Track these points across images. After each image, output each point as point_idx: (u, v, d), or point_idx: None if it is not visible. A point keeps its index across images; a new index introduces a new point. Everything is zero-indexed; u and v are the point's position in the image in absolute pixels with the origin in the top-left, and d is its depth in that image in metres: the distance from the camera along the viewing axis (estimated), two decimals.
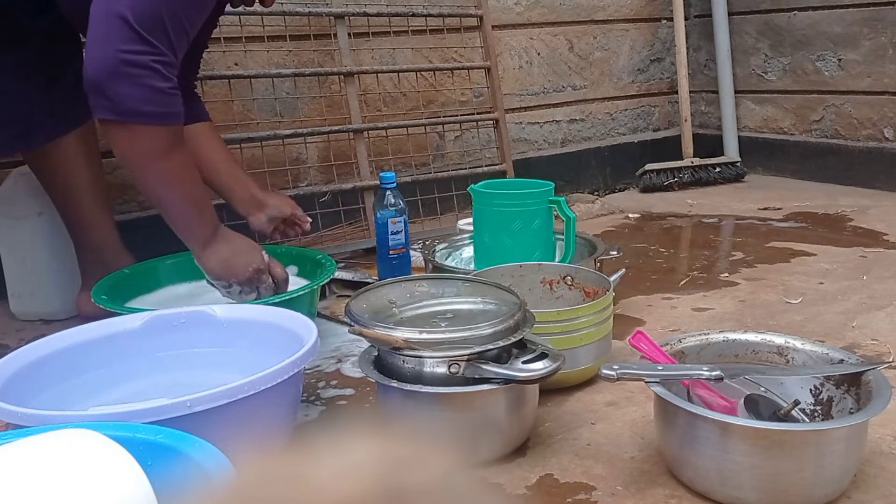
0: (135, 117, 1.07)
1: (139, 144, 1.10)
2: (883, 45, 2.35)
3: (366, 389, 1.16)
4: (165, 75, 1.07)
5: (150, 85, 1.06)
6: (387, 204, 1.63)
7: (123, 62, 1.03)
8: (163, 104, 1.08)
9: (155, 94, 1.06)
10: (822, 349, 0.97)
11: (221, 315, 1.08)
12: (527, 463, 0.95)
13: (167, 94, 1.08)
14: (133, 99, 1.05)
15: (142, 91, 1.05)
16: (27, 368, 0.92)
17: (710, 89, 2.80)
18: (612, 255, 1.48)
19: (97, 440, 0.58)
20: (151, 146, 1.10)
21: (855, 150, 2.46)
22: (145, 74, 1.05)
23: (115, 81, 1.04)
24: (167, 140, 1.11)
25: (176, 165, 1.14)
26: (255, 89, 1.92)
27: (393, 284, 1.10)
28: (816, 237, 1.93)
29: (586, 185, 2.59)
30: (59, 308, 1.54)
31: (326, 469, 0.30)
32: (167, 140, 1.11)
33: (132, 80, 1.04)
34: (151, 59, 1.05)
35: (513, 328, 0.95)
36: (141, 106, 1.06)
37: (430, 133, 2.22)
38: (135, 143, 1.10)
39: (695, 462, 0.85)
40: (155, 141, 1.10)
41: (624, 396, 1.11)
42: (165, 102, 1.08)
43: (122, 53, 1.03)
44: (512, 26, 2.42)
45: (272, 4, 1.29)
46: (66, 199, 1.47)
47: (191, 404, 0.77)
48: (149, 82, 1.05)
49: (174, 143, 1.12)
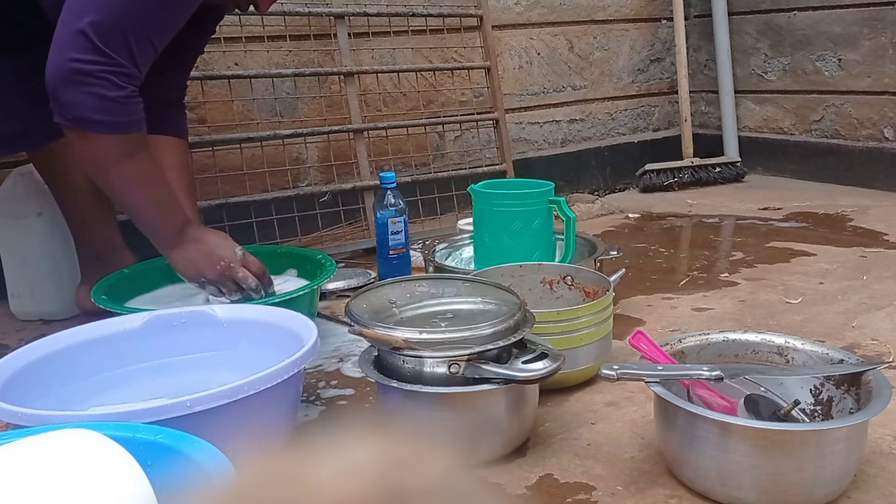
0: (85, 125, 1.09)
1: (94, 151, 1.12)
2: (883, 45, 2.35)
3: (366, 389, 1.16)
4: (119, 84, 1.08)
5: (100, 94, 1.07)
6: (387, 204, 1.63)
7: (74, 70, 1.06)
8: (114, 112, 1.09)
9: (105, 102, 1.08)
10: (822, 349, 0.97)
11: (221, 315, 1.08)
12: (527, 463, 0.95)
13: (119, 103, 1.09)
14: (82, 107, 1.07)
15: (91, 99, 1.07)
16: (27, 368, 0.92)
17: (710, 89, 2.80)
18: (612, 255, 1.48)
19: (97, 440, 0.58)
20: (106, 152, 1.12)
21: (855, 150, 2.46)
22: (95, 83, 1.07)
23: (65, 88, 1.07)
24: (122, 147, 1.12)
25: (133, 171, 1.15)
26: (255, 89, 1.92)
27: (393, 284, 1.10)
28: (816, 237, 1.93)
29: (586, 185, 2.59)
30: (59, 308, 1.54)
31: (326, 469, 0.30)
32: (122, 147, 1.12)
33: (81, 88, 1.06)
34: (104, 68, 1.07)
35: (513, 328, 0.95)
36: (90, 114, 1.08)
37: (430, 133, 2.23)
38: (90, 149, 1.12)
39: (695, 462, 0.85)
40: (108, 148, 1.12)
41: (624, 396, 1.11)
42: (117, 111, 1.10)
43: (74, 62, 1.05)
44: (512, 26, 2.42)
45: (267, 10, 1.29)
46: (68, 198, 1.47)
47: (191, 404, 0.77)
48: (98, 91, 1.07)
49: (131, 150, 1.13)
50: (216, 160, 1.84)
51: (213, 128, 1.90)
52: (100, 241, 1.49)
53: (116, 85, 1.08)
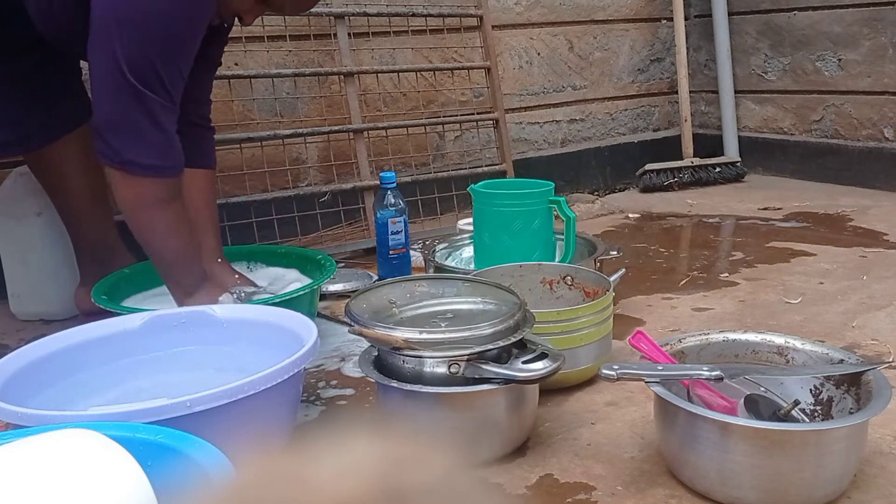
0: (135, 168, 1.10)
1: (135, 193, 1.13)
2: (883, 45, 2.35)
3: (366, 389, 1.16)
4: (164, 127, 1.10)
5: (150, 138, 1.09)
6: (387, 204, 1.63)
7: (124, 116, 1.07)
8: (162, 157, 1.12)
9: (155, 147, 1.10)
10: (822, 349, 0.97)
11: (221, 315, 1.08)
12: (527, 463, 0.95)
13: (166, 147, 1.11)
14: (134, 151, 1.09)
15: (143, 145, 1.09)
16: (27, 368, 0.92)
17: (710, 89, 2.80)
18: (612, 255, 1.48)
19: (97, 440, 0.58)
20: (148, 196, 1.14)
21: (855, 150, 2.46)
22: (146, 129, 1.08)
23: (116, 133, 1.08)
24: (164, 192, 1.14)
25: (169, 218, 1.17)
26: (255, 89, 1.92)
27: (393, 284, 1.10)
28: (816, 237, 1.93)
29: (586, 185, 2.59)
30: (59, 308, 1.54)
31: (326, 469, 0.30)
32: (164, 192, 1.14)
33: (133, 132, 1.08)
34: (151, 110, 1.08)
35: (513, 328, 0.95)
36: (141, 159, 1.10)
37: (430, 133, 2.23)
38: (130, 192, 1.13)
39: (695, 462, 0.85)
40: (152, 192, 1.13)
41: (624, 396, 1.11)
42: (164, 155, 1.12)
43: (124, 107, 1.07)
44: (512, 26, 2.41)
45: (251, 23, 1.29)
46: (64, 200, 1.47)
47: (191, 404, 0.77)
48: (149, 136, 1.09)
49: (171, 196, 1.15)
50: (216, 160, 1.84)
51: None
52: (98, 243, 1.49)
53: (163, 127, 1.10)
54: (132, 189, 1.13)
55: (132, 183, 1.12)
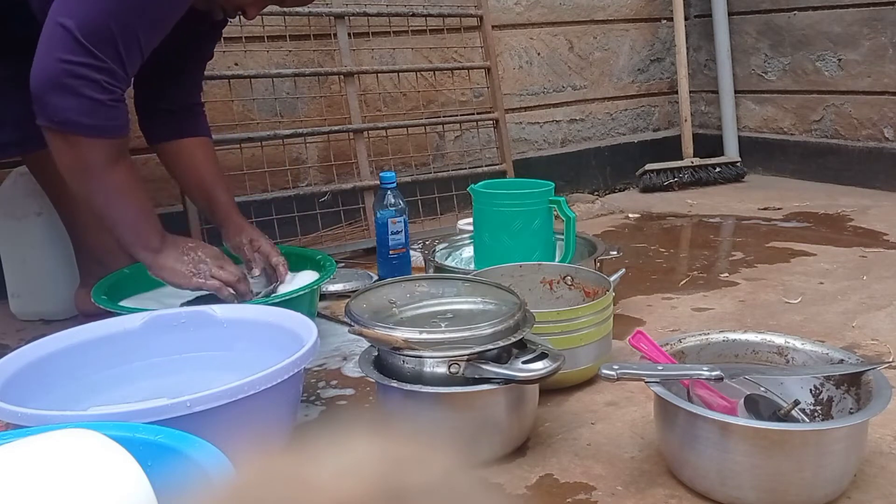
0: (72, 128, 1.06)
1: (79, 156, 1.09)
2: (883, 45, 2.35)
3: (366, 389, 1.16)
4: (107, 87, 1.06)
5: (90, 96, 1.05)
6: (387, 204, 1.63)
7: (63, 72, 1.03)
8: (102, 117, 1.07)
9: (94, 105, 1.05)
10: (822, 349, 0.97)
11: (221, 315, 1.08)
12: (527, 463, 0.95)
13: (107, 107, 1.07)
14: (70, 110, 1.05)
15: (79, 102, 1.05)
16: (27, 368, 0.92)
17: (710, 89, 2.80)
18: (612, 255, 1.48)
19: (97, 440, 0.58)
20: (92, 158, 1.09)
21: (855, 150, 2.46)
22: (84, 85, 1.04)
23: (53, 91, 1.04)
24: (109, 152, 1.10)
25: (117, 178, 1.12)
26: (255, 89, 1.92)
27: (393, 284, 1.10)
28: (816, 237, 1.93)
29: (586, 185, 2.59)
30: (59, 308, 1.54)
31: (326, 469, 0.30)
32: (109, 152, 1.10)
33: (70, 90, 1.04)
34: (93, 70, 1.04)
35: (513, 328, 0.95)
36: (79, 117, 1.05)
37: (430, 133, 2.23)
38: (75, 155, 1.09)
39: (695, 462, 0.85)
40: (95, 153, 1.09)
41: (624, 396, 1.11)
42: (105, 115, 1.07)
43: (63, 63, 1.03)
44: (512, 26, 2.42)
45: (255, 17, 1.29)
46: (63, 201, 1.47)
47: (191, 404, 0.77)
48: (88, 93, 1.05)
49: (117, 156, 1.11)
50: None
51: (213, 128, 1.87)
52: (97, 244, 1.48)
53: (105, 88, 1.06)
54: (77, 152, 1.08)
55: (74, 145, 1.08)
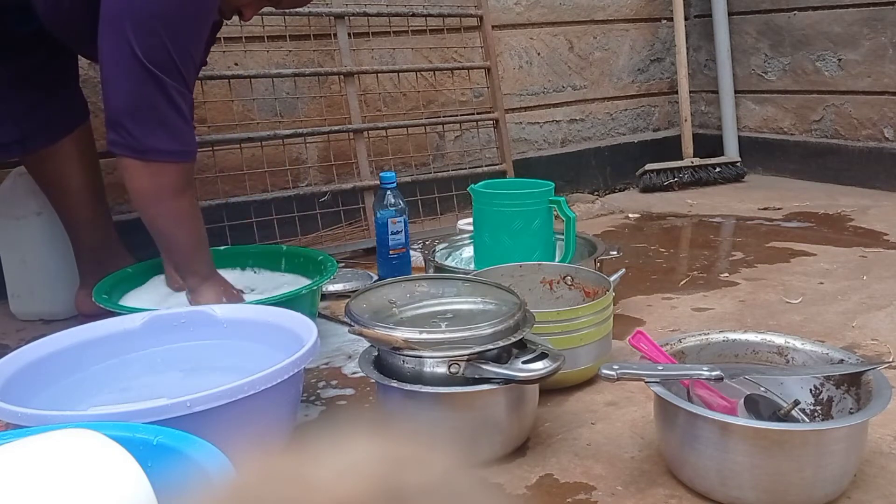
0: (156, 155, 1.09)
1: (157, 183, 1.12)
2: (883, 45, 2.35)
3: (366, 389, 1.16)
4: (183, 111, 1.09)
5: (170, 124, 1.08)
6: (387, 204, 1.63)
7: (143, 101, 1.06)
8: (182, 142, 1.11)
9: (176, 132, 1.09)
10: (822, 349, 0.97)
11: (221, 315, 1.08)
12: (527, 463, 0.95)
13: (185, 131, 1.11)
14: (155, 137, 1.08)
15: (163, 130, 1.08)
16: (27, 368, 0.92)
17: (710, 89, 2.80)
18: (612, 255, 1.48)
19: (97, 440, 0.58)
20: (168, 184, 1.12)
21: (855, 150, 2.46)
22: (165, 114, 1.07)
23: (136, 119, 1.07)
24: (183, 178, 1.14)
25: (186, 204, 1.17)
26: (255, 89, 1.92)
27: (393, 284, 1.10)
28: (816, 237, 1.93)
29: (586, 185, 2.59)
30: (59, 308, 1.54)
31: (326, 469, 0.30)
32: (183, 178, 1.14)
33: (154, 118, 1.07)
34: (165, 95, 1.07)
35: (513, 328, 0.95)
36: (163, 144, 1.09)
37: (430, 133, 2.22)
38: (153, 181, 1.12)
39: (695, 462, 0.85)
40: (171, 179, 1.12)
41: (624, 396, 1.11)
42: (184, 140, 1.11)
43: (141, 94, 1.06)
44: (512, 26, 2.41)
45: (251, 19, 1.29)
46: (62, 201, 1.47)
47: (191, 404, 0.77)
48: (169, 121, 1.08)
49: (187, 182, 1.15)
50: (216, 160, 1.84)
51: (213, 128, 1.90)
52: (97, 244, 1.49)
53: (180, 110, 1.09)
54: (152, 178, 1.11)
55: (153, 171, 1.11)
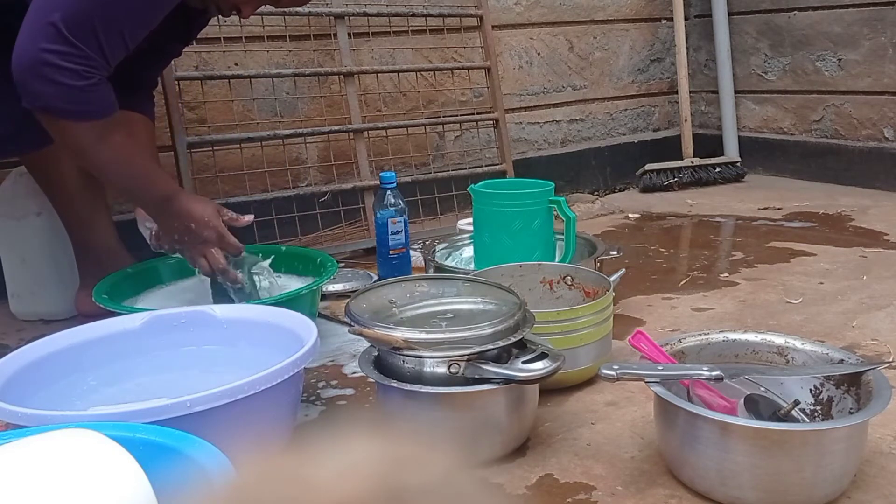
0: (54, 113, 1.12)
1: (66, 136, 1.16)
2: (883, 45, 2.35)
3: (366, 389, 1.16)
4: (84, 74, 1.10)
5: (66, 83, 1.09)
6: (387, 204, 1.63)
7: (41, 61, 1.08)
8: (79, 102, 1.12)
9: (71, 92, 1.10)
10: (822, 349, 0.97)
11: (221, 315, 1.08)
12: (527, 463, 0.95)
13: (84, 92, 1.11)
14: (49, 96, 1.10)
15: (56, 89, 1.09)
16: (27, 368, 0.92)
17: (710, 89, 2.80)
18: (612, 255, 1.48)
19: (97, 440, 0.58)
20: (77, 137, 1.15)
21: (855, 150, 2.46)
22: (61, 73, 1.09)
23: (33, 78, 1.09)
24: (93, 133, 1.15)
25: (108, 153, 1.18)
26: (255, 89, 1.92)
27: (393, 284, 1.10)
28: (816, 237, 1.93)
29: (586, 185, 2.59)
30: (59, 308, 1.54)
31: (326, 469, 0.30)
32: (93, 133, 1.15)
33: (47, 78, 1.09)
34: (70, 58, 1.09)
35: (513, 328, 0.95)
36: (57, 103, 1.11)
37: (430, 133, 2.22)
38: (62, 135, 1.16)
39: (695, 462, 0.85)
40: (79, 133, 1.15)
41: (624, 396, 1.11)
42: (82, 100, 1.12)
43: (42, 52, 1.08)
44: (512, 26, 2.41)
45: (250, 16, 1.30)
46: (62, 201, 1.47)
47: (191, 404, 0.77)
48: (64, 80, 1.09)
49: (102, 134, 1.16)
50: (216, 160, 1.84)
51: (213, 128, 1.90)
52: (97, 244, 1.49)
53: (81, 75, 1.10)
54: (64, 133, 1.15)
55: (62, 127, 1.14)
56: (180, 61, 1.82)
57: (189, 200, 1.24)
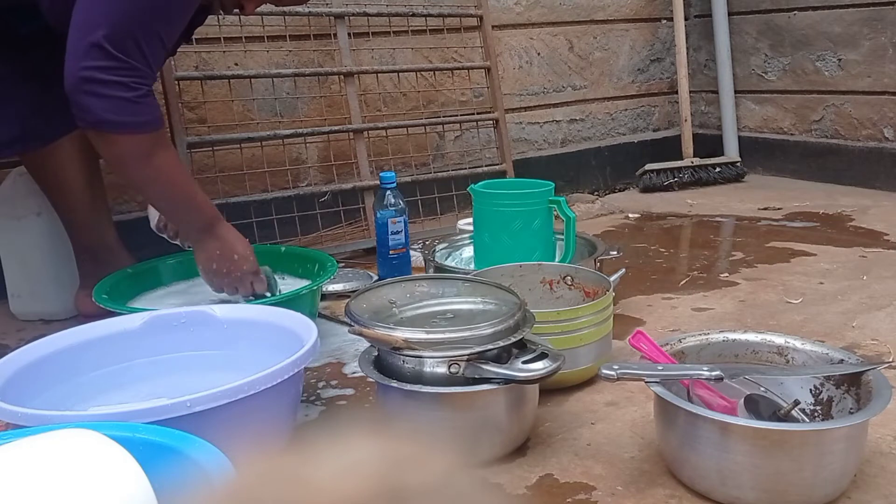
0: (103, 126, 1.12)
1: (114, 151, 1.16)
2: (883, 45, 2.35)
3: (366, 389, 1.16)
4: (131, 86, 1.12)
5: (114, 96, 1.10)
6: (387, 204, 1.63)
7: (88, 78, 1.09)
8: (128, 113, 1.12)
9: (121, 104, 1.11)
10: (822, 349, 0.97)
11: (221, 315, 1.08)
12: (527, 463, 0.95)
13: (133, 103, 1.12)
14: (98, 109, 1.11)
15: (105, 102, 1.10)
16: (27, 368, 0.92)
17: (710, 89, 2.80)
18: (612, 255, 1.48)
19: (97, 440, 0.58)
20: (125, 152, 1.15)
21: (855, 150, 2.46)
22: (109, 87, 1.10)
23: (81, 94, 1.10)
24: (142, 147, 1.15)
25: (154, 170, 1.18)
26: (255, 89, 1.92)
27: (393, 284, 1.10)
28: (816, 237, 1.93)
29: (586, 185, 2.59)
30: (59, 308, 1.54)
31: (326, 469, 0.30)
32: (142, 147, 1.15)
33: (95, 92, 1.10)
34: (117, 72, 1.10)
35: (513, 328, 0.95)
36: (106, 115, 1.11)
37: (430, 133, 2.23)
38: (111, 150, 1.16)
39: (695, 462, 0.85)
40: (128, 148, 1.15)
41: (624, 396, 1.11)
42: (131, 111, 1.13)
43: (88, 70, 1.09)
44: (512, 26, 2.41)
45: (252, 11, 1.30)
46: (62, 201, 1.47)
47: (191, 404, 0.77)
48: (112, 93, 1.10)
49: (151, 149, 1.16)
50: (216, 160, 1.84)
51: (213, 128, 1.90)
52: (97, 243, 1.49)
53: (128, 87, 1.11)
54: (112, 148, 1.15)
55: (111, 142, 1.14)
56: (180, 61, 1.82)
57: (230, 231, 1.26)
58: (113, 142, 1.14)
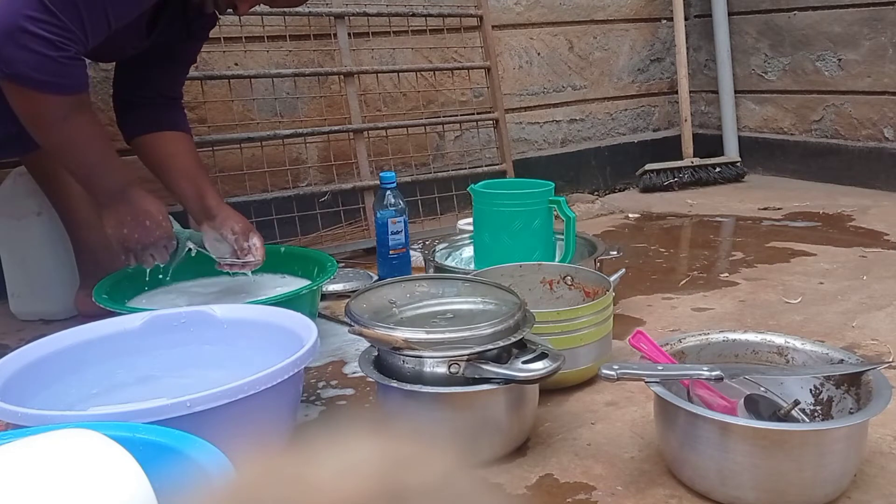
0: (24, 82, 1.08)
1: (32, 109, 1.12)
2: (883, 45, 2.35)
3: (366, 389, 1.16)
4: (60, 45, 1.07)
5: (42, 52, 1.06)
6: (387, 204, 1.63)
7: (20, 27, 1.04)
8: (54, 73, 1.08)
9: (46, 61, 1.07)
10: (822, 349, 0.97)
11: (221, 315, 1.08)
12: (527, 463, 0.95)
13: (60, 64, 1.08)
14: (22, 63, 1.06)
15: (32, 57, 1.06)
16: (27, 368, 0.92)
17: (710, 89, 2.80)
18: (612, 255, 1.48)
19: (97, 440, 0.58)
20: (44, 112, 1.11)
21: (855, 150, 2.46)
22: (39, 42, 1.06)
23: (7, 43, 1.05)
24: (62, 108, 1.12)
25: (71, 132, 1.14)
26: (255, 89, 1.92)
27: (393, 284, 1.10)
28: (816, 237, 1.93)
29: (586, 185, 2.59)
30: (59, 308, 1.54)
31: (326, 469, 0.30)
32: (62, 108, 1.12)
33: (23, 45, 1.05)
34: (48, 28, 1.06)
35: (513, 328, 0.95)
36: (30, 72, 1.07)
37: (430, 133, 2.23)
38: (29, 107, 1.12)
39: (695, 462, 0.85)
40: (47, 108, 1.11)
41: (624, 396, 1.11)
42: (57, 72, 1.09)
43: (22, 19, 1.04)
44: (512, 26, 2.41)
45: (246, 12, 1.29)
46: (61, 201, 1.47)
47: (191, 404, 0.77)
48: (40, 49, 1.06)
49: (70, 112, 1.12)
50: (216, 160, 1.84)
51: (213, 128, 1.90)
52: (97, 244, 1.48)
53: (55, 45, 1.07)
54: (30, 105, 1.11)
55: (30, 99, 1.10)
56: None
57: (144, 196, 1.22)
58: (31, 98, 1.10)
